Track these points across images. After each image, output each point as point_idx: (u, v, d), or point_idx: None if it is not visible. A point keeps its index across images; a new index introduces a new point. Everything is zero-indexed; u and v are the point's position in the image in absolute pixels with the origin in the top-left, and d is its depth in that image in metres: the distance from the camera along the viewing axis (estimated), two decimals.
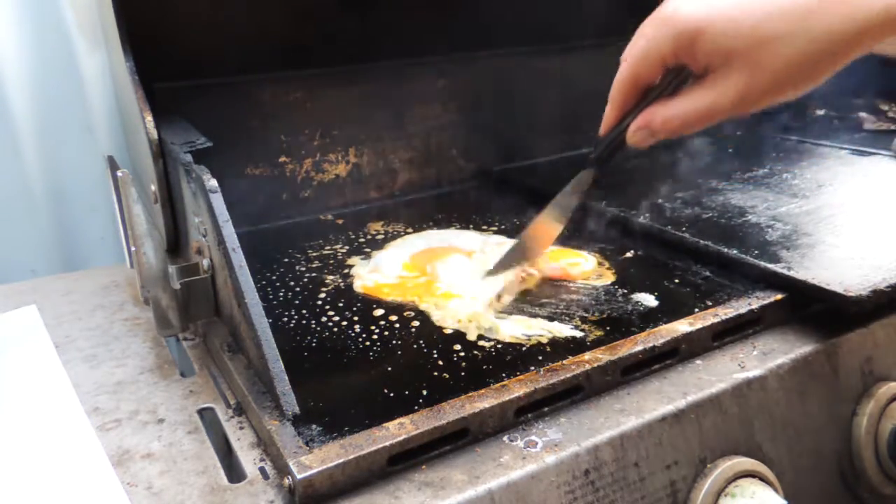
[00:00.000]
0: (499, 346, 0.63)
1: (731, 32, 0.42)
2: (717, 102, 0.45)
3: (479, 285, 0.73)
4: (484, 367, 0.60)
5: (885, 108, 1.26)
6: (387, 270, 0.79)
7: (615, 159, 0.60)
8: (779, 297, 0.67)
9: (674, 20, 0.44)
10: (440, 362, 0.61)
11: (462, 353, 0.62)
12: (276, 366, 0.53)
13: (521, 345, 0.63)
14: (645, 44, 0.46)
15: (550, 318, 0.68)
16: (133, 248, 0.64)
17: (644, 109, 0.50)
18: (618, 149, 0.58)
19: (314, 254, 0.87)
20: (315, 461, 0.48)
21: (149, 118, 0.75)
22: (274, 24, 0.95)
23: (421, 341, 0.65)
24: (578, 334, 0.64)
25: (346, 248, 0.89)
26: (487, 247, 0.84)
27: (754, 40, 0.42)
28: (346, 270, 0.81)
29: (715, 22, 0.42)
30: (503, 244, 0.82)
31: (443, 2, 1.02)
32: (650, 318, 0.66)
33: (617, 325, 0.65)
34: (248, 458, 0.53)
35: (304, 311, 0.71)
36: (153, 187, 0.78)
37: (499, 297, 0.72)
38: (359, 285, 0.77)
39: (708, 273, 0.74)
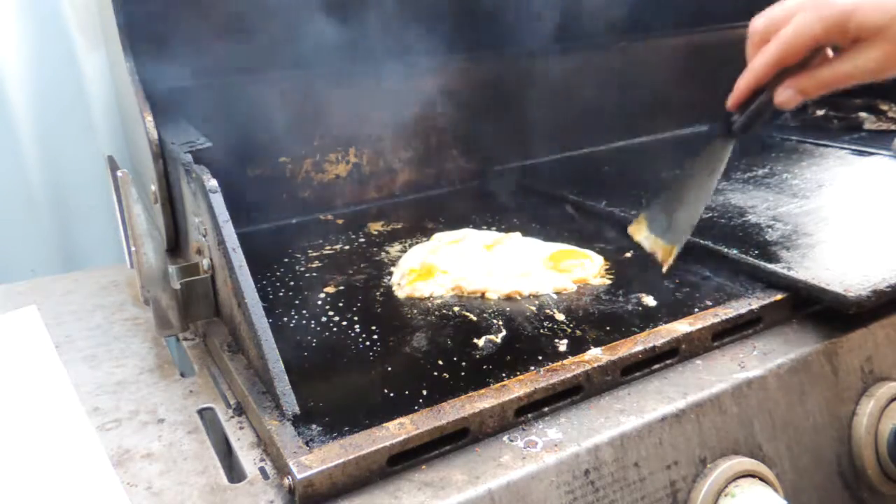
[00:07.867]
0: (499, 345, 0.63)
1: (879, 14, 0.54)
2: (860, 67, 0.57)
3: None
4: (484, 367, 0.60)
5: (885, 108, 1.26)
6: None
7: (754, 128, 0.67)
8: (779, 297, 0.67)
9: (827, 8, 0.56)
10: (440, 362, 0.61)
11: (462, 353, 0.62)
12: (276, 366, 0.53)
13: (521, 344, 0.63)
14: (796, 29, 0.58)
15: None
16: (133, 248, 0.64)
17: (788, 77, 0.61)
18: (759, 116, 0.66)
19: (314, 254, 0.87)
20: (315, 461, 0.48)
21: (149, 118, 0.75)
22: (274, 24, 0.95)
23: (423, 341, 0.65)
24: (577, 334, 0.64)
25: (347, 247, 0.89)
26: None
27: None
28: (347, 270, 0.81)
29: (863, 6, 0.55)
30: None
31: (443, 3, 1.02)
32: (650, 318, 0.66)
33: (617, 325, 0.65)
34: (248, 458, 0.53)
35: (304, 311, 0.71)
36: (153, 187, 0.78)
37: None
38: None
39: (708, 273, 0.74)
